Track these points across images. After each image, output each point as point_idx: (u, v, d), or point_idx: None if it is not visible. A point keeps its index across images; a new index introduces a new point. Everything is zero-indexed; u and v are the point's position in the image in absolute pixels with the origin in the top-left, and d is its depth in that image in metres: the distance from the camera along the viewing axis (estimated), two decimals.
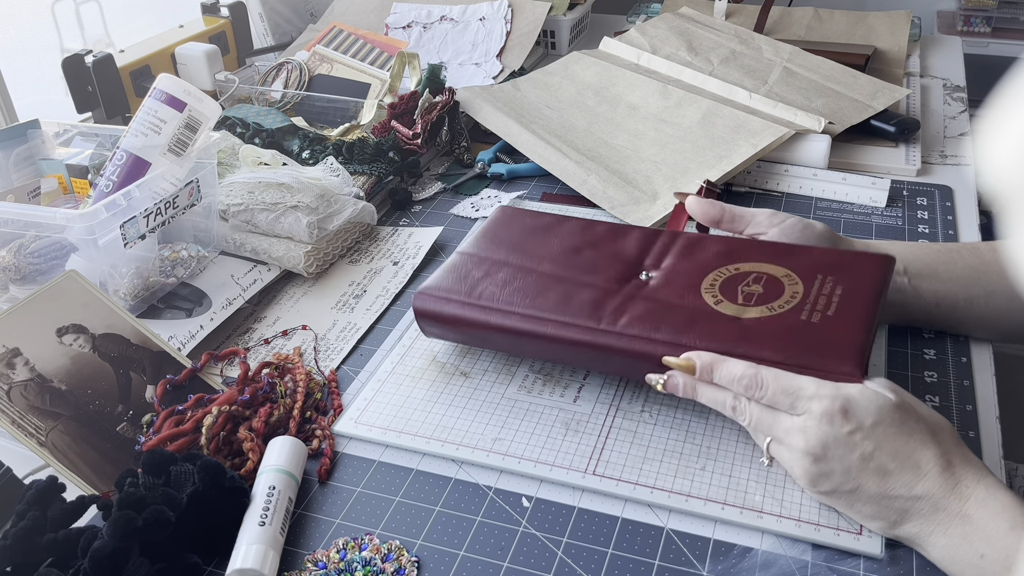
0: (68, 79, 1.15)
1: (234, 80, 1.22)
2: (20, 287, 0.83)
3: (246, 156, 0.98)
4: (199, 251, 0.91)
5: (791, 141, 1.05)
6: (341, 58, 1.26)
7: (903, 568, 0.57)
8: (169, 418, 0.69)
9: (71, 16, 1.35)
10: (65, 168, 0.93)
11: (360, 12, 1.48)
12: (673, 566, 0.58)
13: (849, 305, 0.64)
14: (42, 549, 0.57)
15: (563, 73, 1.24)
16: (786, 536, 0.59)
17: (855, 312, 0.64)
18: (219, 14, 1.38)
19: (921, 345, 0.76)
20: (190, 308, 0.85)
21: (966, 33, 1.86)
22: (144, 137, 0.82)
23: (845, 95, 1.15)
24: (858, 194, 1.00)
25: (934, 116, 1.21)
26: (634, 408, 0.71)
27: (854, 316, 0.63)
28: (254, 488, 0.63)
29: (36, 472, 0.68)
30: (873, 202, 0.99)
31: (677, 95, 1.15)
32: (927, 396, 0.71)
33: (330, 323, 0.85)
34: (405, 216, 1.03)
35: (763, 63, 1.23)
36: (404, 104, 1.10)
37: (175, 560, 0.59)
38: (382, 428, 0.71)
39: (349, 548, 0.61)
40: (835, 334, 0.62)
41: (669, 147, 1.06)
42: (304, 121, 1.15)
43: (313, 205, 0.89)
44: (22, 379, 0.68)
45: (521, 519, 0.62)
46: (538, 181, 1.09)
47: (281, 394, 0.73)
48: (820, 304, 0.64)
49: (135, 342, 0.74)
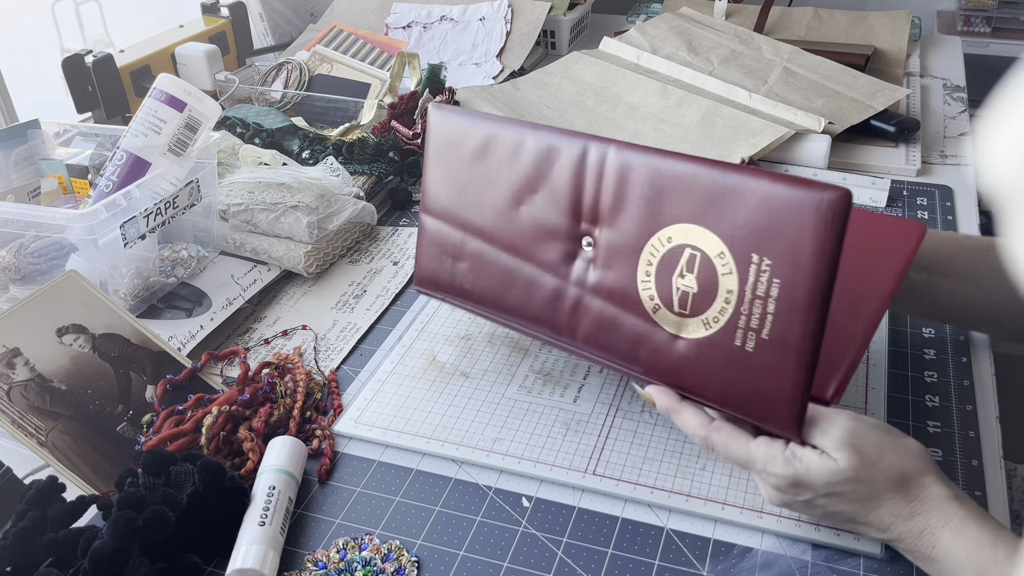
0: (68, 79, 1.15)
1: (234, 80, 1.22)
2: (20, 287, 0.83)
3: (246, 156, 0.98)
4: (199, 251, 0.91)
5: (791, 141, 1.05)
6: (341, 58, 1.26)
7: (903, 568, 0.57)
8: (169, 418, 0.69)
9: (71, 16, 1.35)
10: (65, 168, 0.93)
11: (360, 12, 1.48)
12: (673, 566, 0.58)
13: (787, 319, 0.51)
14: (42, 549, 0.57)
15: (563, 73, 1.24)
16: (786, 536, 0.59)
17: (793, 335, 0.51)
18: (219, 14, 1.38)
19: (921, 345, 0.76)
20: (190, 308, 0.85)
21: (966, 33, 1.86)
22: (144, 137, 0.82)
23: (845, 95, 1.15)
24: (858, 194, 1.00)
25: (934, 116, 1.21)
26: (634, 408, 0.71)
27: (791, 345, 0.51)
28: (254, 488, 0.63)
29: (36, 472, 0.68)
30: (873, 202, 0.99)
31: (677, 95, 1.15)
32: (927, 396, 0.71)
33: (330, 323, 0.85)
34: (405, 216, 1.03)
35: (763, 63, 1.23)
36: (404, 104, 1.10)
37: (175, 560, 0.59)
38: (382, 428, 0.71)
39: (349, 548, 0.61)
40: (769, 375, 0.53)
41: (669, 147, 1.06)
42: (304, 121, 1.15)
43: (313, 205, 0.89)
44: (22, 379, 0.68)
45: (521, 519, 0.62)
46: None
47: (281, 394, 0.73)
48: (754, 318, 0.53)
49: (135, 342, 0.74)
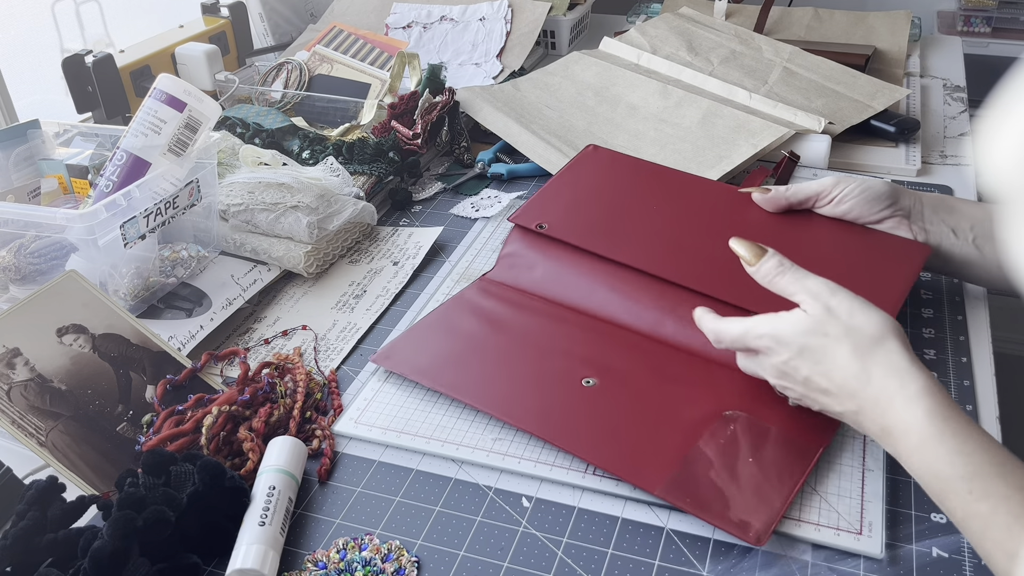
0: (68, 79, 1.15)
1: (234, 80, 1.22)
2: (20, 287, 0.83)
3: (246, 156, 0.98)
4: (199, 251, 0.91)
5: (791, 141, 1.05)
6: (341, 58, 1.26)
7: (903, 568, 0.57)
8: (169, 418, 0.69)
9: (71, 16, 1.34)
10: (65, 168, 0.93)
11: (360, 12, 1.48)
12: (673, 566, 0.58)
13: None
14: (42, 549, 0.57)
15: (563, 73, 1.24)
16: (786, 536, 0.59)
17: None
18: (219, 14, 1.38)
19: (921, 345, 0.76)
20: (190, 308, 0.85)
21: (966, 33, 1.85)
22: (144, 137, 0.82)
23: (845, 95, 1.15)
24: None
25: (934, 116, 1.21)
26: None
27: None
28: (254, 488, 0.63)
29: (36, 472, 0.68)
30: None
31: (677, 95, 1.15)
32: None
33: (330, 323, 0.85)
34: (405, 216, 1.03)
35: (763, 63, 1.23)
36: (404, 104, 1.10)
37: (175, 560, 0.59)
38: (382, 428, 0.71)
39: (349, 548, 0.61)
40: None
41: (669, 147, 1.06)
42: (304, 121, 1.15)
43: (313, 205, 0.89)
44: (22, 379, 0.68)
45: (521, 519, 0.62)
46: (538, 181, 1.08)
47: (281, 394, 0.73)
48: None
49: (135, 342, 0.74)
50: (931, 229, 0.78)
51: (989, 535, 0.49)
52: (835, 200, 0.79)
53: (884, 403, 0.55)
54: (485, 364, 0.74)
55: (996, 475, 0.49)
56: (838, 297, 0.60)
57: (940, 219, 0.78)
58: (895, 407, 0.55)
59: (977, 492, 0.49)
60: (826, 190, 0.80)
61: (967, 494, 0.50)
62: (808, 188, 0.81)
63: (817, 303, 0.60)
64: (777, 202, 0.81)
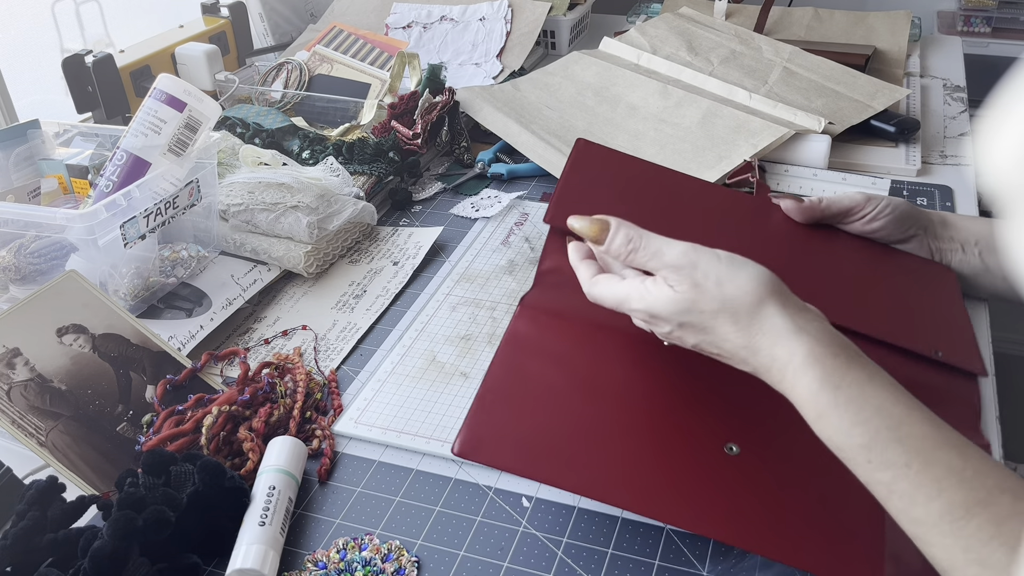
0: (68, 79, 1.15)
1: (234, 80, 1.22)
2: (20, 287, 0.83)
3: (246, 156, 0.98)
4: (199, 251, 0.91)
5: (791, 141, 1.05)
6: (341, 58, 1.26)
7: None
8: (169, 418, 0.69)
9: (71, 16, 1.34)
10: (65, 168, 0.93)
11: (360, 12, 1.48)
12: (673, 566, 0.58)
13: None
14: (42, 549, 0.57)
15: (563, 73, 1.24)
16: None
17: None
18: (219, 14, 1.38)
19: None
20: (190, 308, 0.85)
21: (966, 33, 1.85)
22: (144, 137, 0.82)
23: (845, 95, 1.15)
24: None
25: (934, 116, 1.21)
26: None
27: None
28: (254, 488, 0.63)
29: (36, 472, 0.68)
30: None
31: (677, 95, 1.15)
32: None
33: (330, 323, 0.85)
34: (405, 216, 1.03)
35: (763, 63, 1.23)
36: (404, 104, 1.10)
37: (175, 560, 0.59)
38: (382, 428, 0.71)
39: (349, 548, 0.61)
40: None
41: (669, 147, 1.06)
42: (304, 121, 1.15)
43: (313, 205, 0.89)
44: (22, 379, 0.68)
45: (521, 519, 0.62)
46: (538, 181, 1.09)
47: (281, 394, 0.73)
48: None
49: (135, 342, 0.74)
50: (944, 247, 0.78)
51: (892, 503, 0.48)
52: (867, 217, 0.77)
53: (776, 374, 0.53)
54: (591, 432, 0.60)
55: (894, 440, 0.48)
56: (702, 268, 0.55)
57: (949, 235, 0.79)
58: (787, 379, 0.53)
59: (876, 462, 0.48)
60: (858, 205, 0.77)
61: (867, 463, 0.49)
62: (842, 202, 0.78)
63: (683, 279, 0.55)
64: (811, 213, 0.78)
